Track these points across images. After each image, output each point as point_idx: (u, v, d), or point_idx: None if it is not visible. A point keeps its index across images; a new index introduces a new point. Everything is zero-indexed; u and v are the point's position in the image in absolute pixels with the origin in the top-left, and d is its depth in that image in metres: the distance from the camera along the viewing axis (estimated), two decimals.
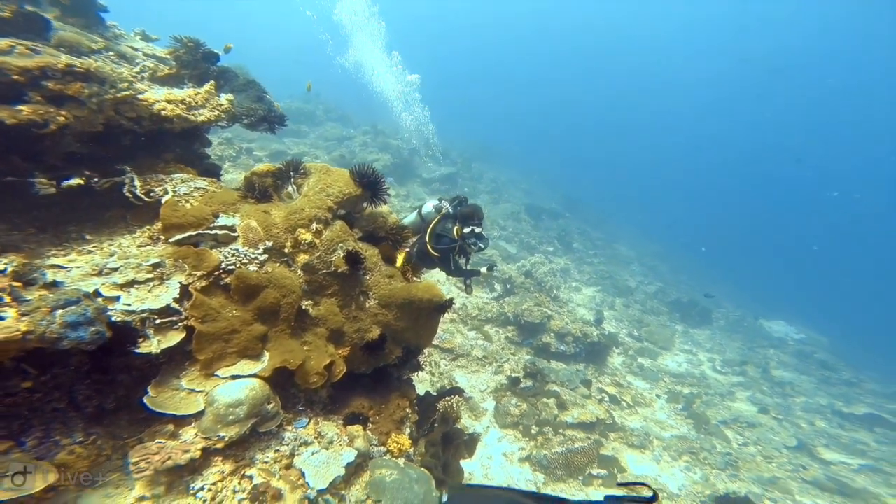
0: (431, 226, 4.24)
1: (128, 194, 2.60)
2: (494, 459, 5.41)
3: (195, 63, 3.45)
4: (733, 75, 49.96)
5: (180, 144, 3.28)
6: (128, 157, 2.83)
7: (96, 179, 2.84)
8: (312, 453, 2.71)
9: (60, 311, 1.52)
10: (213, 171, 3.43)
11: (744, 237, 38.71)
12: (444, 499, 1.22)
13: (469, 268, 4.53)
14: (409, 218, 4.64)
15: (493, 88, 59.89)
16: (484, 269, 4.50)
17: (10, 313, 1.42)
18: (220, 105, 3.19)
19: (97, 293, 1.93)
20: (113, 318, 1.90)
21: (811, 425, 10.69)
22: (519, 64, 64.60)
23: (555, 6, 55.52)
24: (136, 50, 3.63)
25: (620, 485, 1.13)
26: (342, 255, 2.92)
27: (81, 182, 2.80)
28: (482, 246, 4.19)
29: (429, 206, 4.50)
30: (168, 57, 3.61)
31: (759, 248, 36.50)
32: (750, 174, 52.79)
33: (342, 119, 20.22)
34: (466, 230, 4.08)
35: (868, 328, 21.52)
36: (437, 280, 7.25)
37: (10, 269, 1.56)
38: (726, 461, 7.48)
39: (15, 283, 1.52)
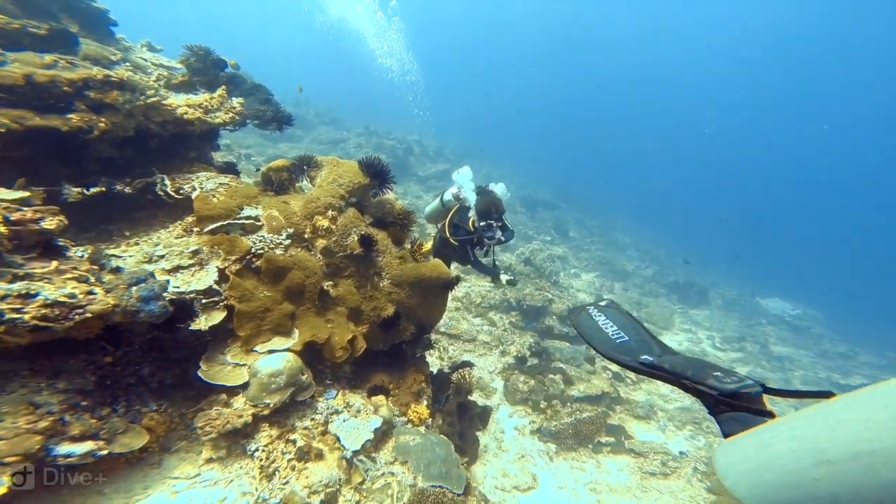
0: (449, 216, 4.18)
1: (160, 193, 2.83)
2: (507, 433, 5.68)
3: (206, 70, 3.68)
4: (720, 67, 50.76)
5: (198, 146, 3.52)
6: (155, 160, 3.06)
7: (116, 186, 3.07)
8: (344, 420, 2.96)
9: (135, 288, 1.75)
10: (230, 170, 3.66)
11: (734, 219, 39.20)
12: (602, 302, 1.26)
13: (495, 264, 4.32)
14: (432, 205, 4.58)
15: (481, 86, 60.29)
16: (503, 279, 4.24)
17: (99, 290, 1.65)
18: (234, 108, 3.43)
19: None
20: (167, 298, 2.14)
21: None
22: (506, 59, 64.91)
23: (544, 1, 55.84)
24: (145, 60, 3.86)
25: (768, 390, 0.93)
26: (356, 238, 3.16)
27: (103, 189, 3.04)
28: (502, 239, 4.02)
29: (449, 193, 4.38)
30: (178, 66, 3.84)
31: (749, 228, 37.00)
32: (736, 159, 53.32)
33: (334, 122, 20.42)
34: (482, 224, 3.97)
35: (858, 301, 22.00)
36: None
37: (86, 256, 1.79)
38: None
39: (94, 267, 1.75)
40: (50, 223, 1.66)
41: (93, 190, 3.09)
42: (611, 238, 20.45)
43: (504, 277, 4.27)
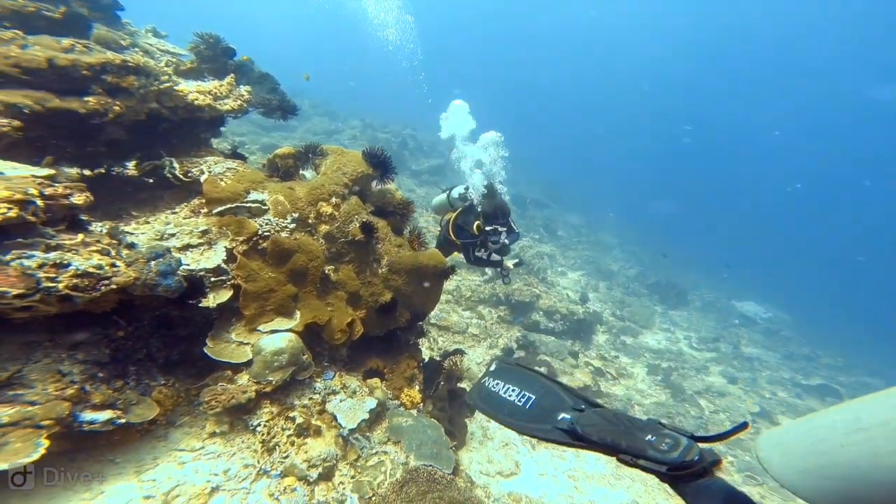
0: (454, 216, 4.21)
1: (168, 175, 2.92)
2: (493, 423, 5.89)
3: (215, 57, 3.74)
4: (701, 65, 51.74)
5: (204, 132, 3.59)
6: (163, 144, 3.13)
7: (115, 168, 3.13)
8: (340, 400, 3.11)
9: (154, 262, 1.86)
10: (236, 155, 3.74)
11: (715, 224, 40.15)
12: (493, 367, 1.21)
13: (494, 258, 4.27)
14: (439, 198, 4.62)
15: (477, 82, 60.38)
16: (509, 263, 4.21)
17: (121, 263, 1.75)
18: (242, 96, 3.51)
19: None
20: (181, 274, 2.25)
21: (774, 395, 11.66)
22: (500, 57, 64.96)
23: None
24: (151, 46, 3.90)
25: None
26: (358, 225, 3.29)
27: (103, 171, 3.10)
28: (506, 243, 4.01)
29: (456, 192, 4.39)
30: (184, 52, 3.88)
31: (729, 232, 37.96)
32: (716, 166, 54.36)
33: (329, 114, 20.27)
34: (488, 228, 3.94)
35: (825, 304, 22.97)
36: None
37: (105, 231, 1.89)
38: (698, 424, 8.21)
39: (113, 241, 1.85)
40: (78, 198, 1.75)
41: (95, 171, 3.15)
42: (598, 238, 20.87)
43: (509, 262, 4.29)
